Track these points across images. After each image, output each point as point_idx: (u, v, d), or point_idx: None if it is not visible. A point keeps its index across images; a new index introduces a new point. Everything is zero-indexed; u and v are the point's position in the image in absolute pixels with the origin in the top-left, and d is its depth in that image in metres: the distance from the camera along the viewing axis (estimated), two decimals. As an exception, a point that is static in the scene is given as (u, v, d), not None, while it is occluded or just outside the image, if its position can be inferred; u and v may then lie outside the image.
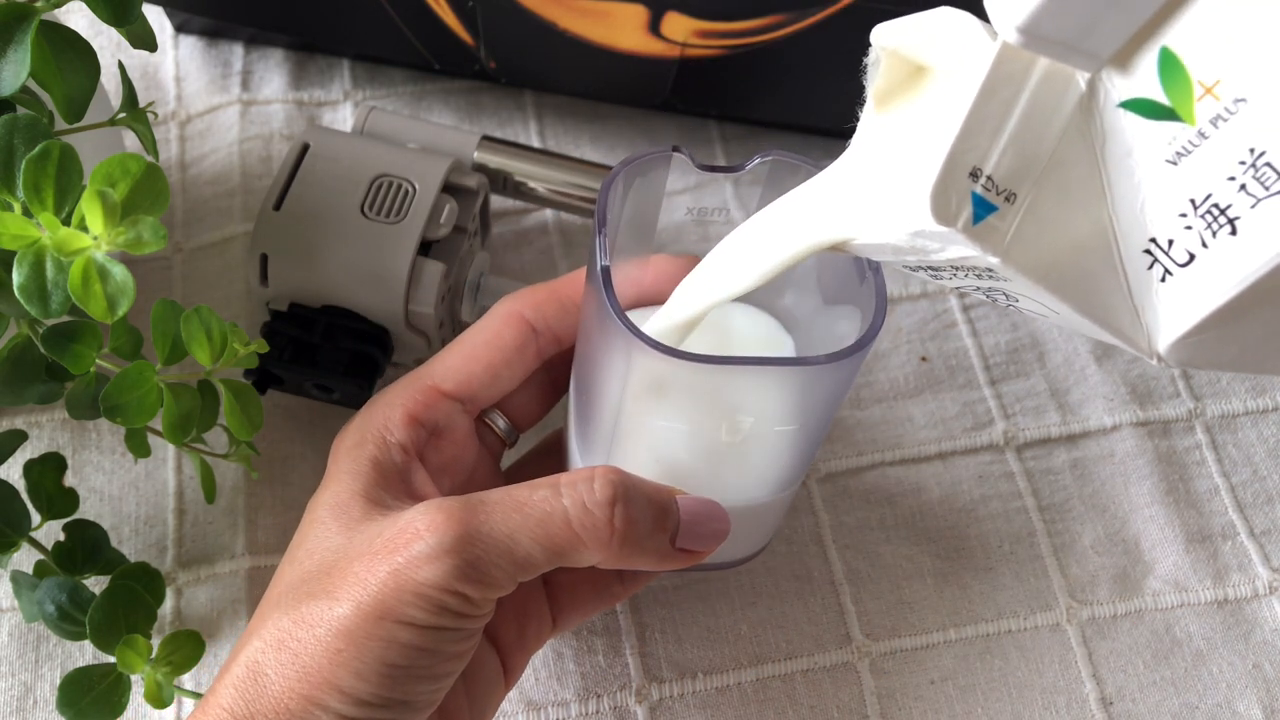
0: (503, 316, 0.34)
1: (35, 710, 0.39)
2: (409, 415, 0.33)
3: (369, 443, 0.33)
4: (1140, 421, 0.45)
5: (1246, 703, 0.40)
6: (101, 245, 0.29)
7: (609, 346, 0.29)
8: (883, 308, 0.29)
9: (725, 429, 0.30)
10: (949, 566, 0.42)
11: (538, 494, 0.30)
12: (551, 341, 0.35)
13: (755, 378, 0.28)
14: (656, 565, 0.32)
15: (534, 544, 0.29)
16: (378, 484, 0.32)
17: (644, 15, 0.44)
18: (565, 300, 0.35)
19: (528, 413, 0.37)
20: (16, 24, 0.30)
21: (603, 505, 0.30)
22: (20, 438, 0.38)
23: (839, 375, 0.29)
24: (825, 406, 0.31)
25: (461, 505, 0.29)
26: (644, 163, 0.31)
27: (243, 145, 0.50)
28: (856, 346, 0.28)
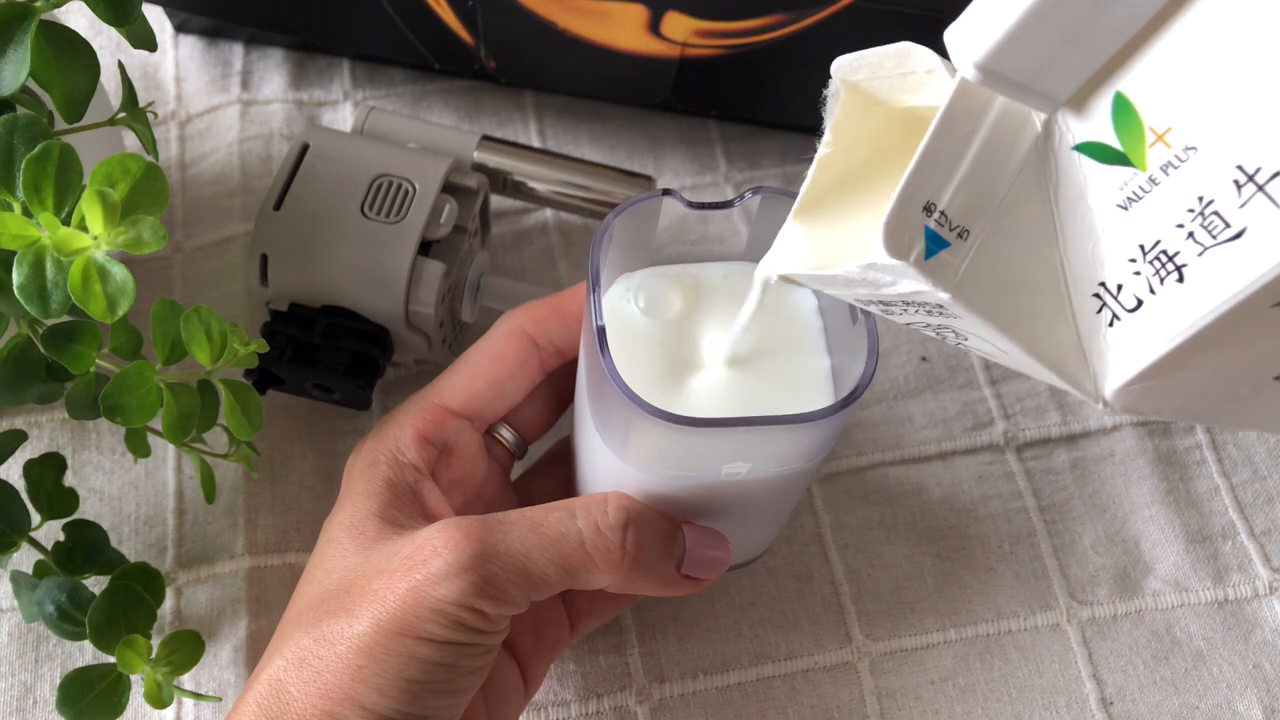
0: (506, 332, 0.35)
1: (35, 710, 0.39)
2: (419, 435, 0.34)
3: (382, 464, 0.33)
4: (1140, 421, 0.45)
5: (1247, 703, 0.40)
6: (101, 245, 0.29)
7: (607, 402, 0.30)
8: (874, 350, 0.29)
9: (724, 471, 0.31)
10: (949, 566, 0.42)
11: (553, 515, 0.31)
12: (554, 355, 0.36)
13: (750, 435, 0.29)
14: (662, 590, 0.33)
15: (549, 563, 0.30)
16: (392, 504, 0.33)
17: (644, 15, 0.44)
18: (566, 314, 0.35)
19: (534, 424, 0.37)
20: (16, 24, 0.30)
21: (615, 529, 0.31)
22: (20, 438, 0.38)
23: (834, 423, 0.29)
24: (823, 447, 0.32)
25: (479, 524, 0.30)
26: (636, 208, 0.32)
27: (243, 145, 0.50)
28: (850, 398, 0.29)
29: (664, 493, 0.32)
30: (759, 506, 0.35)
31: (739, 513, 0.34)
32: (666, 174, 0.50)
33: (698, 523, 0.34)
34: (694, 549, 0.33)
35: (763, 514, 0.36)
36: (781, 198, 0.32)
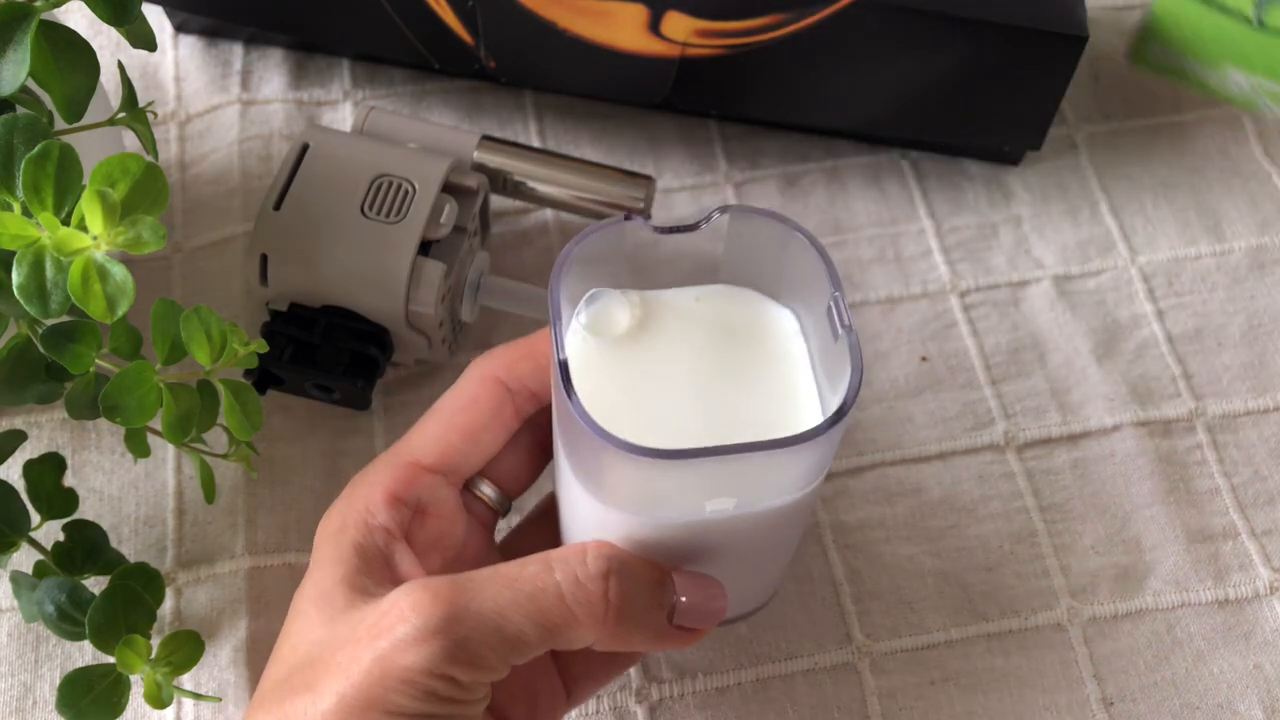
0: (476, 380, 0.33)
1: (35, 710, 0.39)
2: (390, 495, 0.32)
3: (350, 527, 0.31)
4: (1141, 421, 0.45)
5: (1247, 703, 0.40)
6: (101, 245, 0.29)
7: (577, 441, 0.28)
8: (858, 367, 0.28)
9: (709, 508, 0.29)
10: (949, 566, 0.42)
11: (528, 569, 0.29)
12: (529, 400, 0.33)
13: (730, 465, 0.27)
14: (654, 645, 0.31)
15: (526, 621, 0.28)
16: (361, 570, 0.30)
17: (644, 15, 0.44)
18: (540, 356, 0.33)
19: (517, 478, 0.35)
20: (16, 24, 0.30)
21: (596, 579, 0.29)
22: (20, 438, 0.38)
23: (820, 446, 0.28)
24: (812, 474, 0.30)
25: (448, 584, 0.28)
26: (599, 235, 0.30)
27: (242, 145, 0.50)
28: (835, 418, 0.27)
29: (649, 538, 0.30)
30: (753, 548, 0.33)
31: (733, 556, 0.32)
32: (666, 174, 0.50)
33: (688, 569, 0.32)
34: (685, 597, 0.31)
35: (759, 556, 0.34)
36: (749, 215, 0.31)
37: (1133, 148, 0.52)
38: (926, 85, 0.46)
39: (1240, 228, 0.50)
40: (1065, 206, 0.50)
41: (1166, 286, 0.48)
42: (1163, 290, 0.48)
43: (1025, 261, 0.49)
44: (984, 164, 0.51)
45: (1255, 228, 0.50)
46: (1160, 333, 0.47)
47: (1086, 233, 0.49)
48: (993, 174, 0.51)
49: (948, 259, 0.49)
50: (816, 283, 0.30)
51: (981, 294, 0.48)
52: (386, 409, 0.45)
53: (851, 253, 0.49)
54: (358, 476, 0.33)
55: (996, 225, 0.50)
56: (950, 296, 0.48)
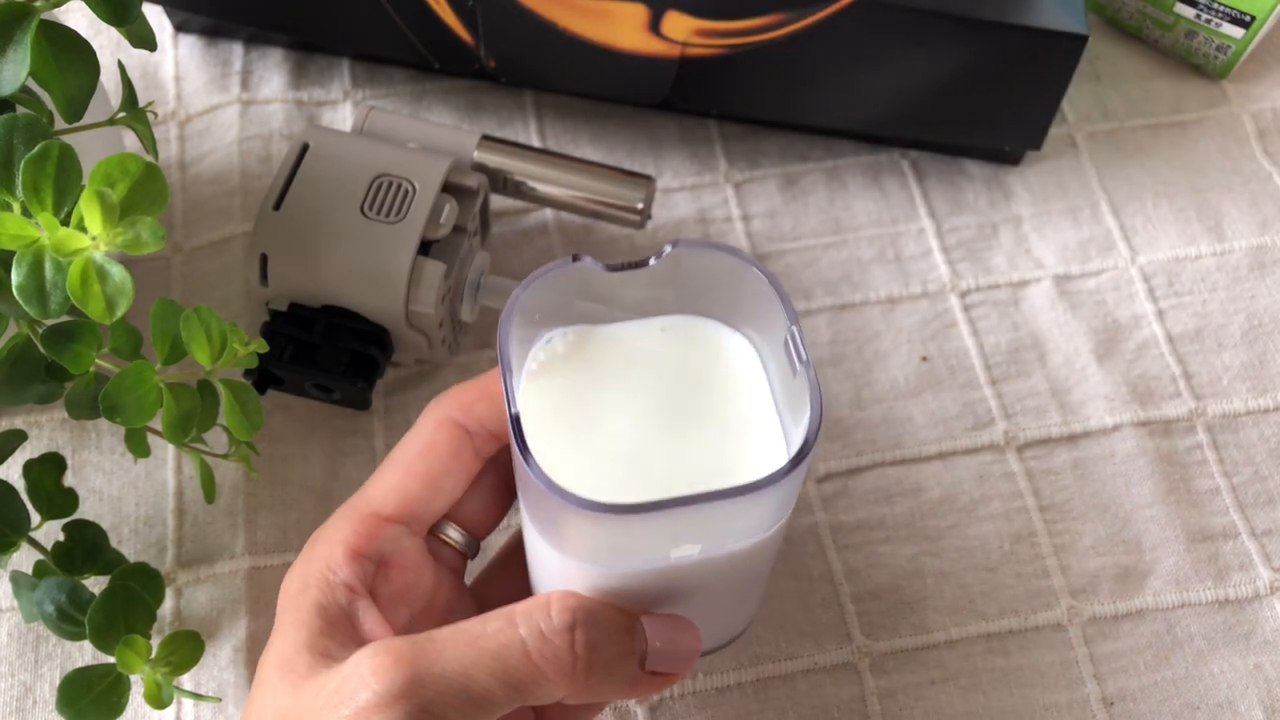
0: (432, 424, 0.32)
1: (35, 710, 0.39)
2: (351, 550, 0.31)
3: (312, 587, 0.30)
4: (1141, 421, 0.45)
5: (1247, 703, 0.40)
6: (100, 245, 0.29)
7: (534, 496, 0.28)
8: (817, 403, 0.27)
9: (674, 556, 0.29)
10: (950, 566, 0.42)
11: (491, 626, 0.28)
12: (489, 440, 0.33)
13: (693, 514, 0.26)
14: (628, 693, 0.30)
15: (491, 679, 0.27)
16: (323, 632, 0.29)
17: (644, 14, 0.44)
18: (496, 397, 0.32)
19: (484, 519, 0.34)
20: (16, 24, 0.30)
21: (561, 632, 0.28)
22: (20, 438, 0.38)
23: (784, 488, 0.27)
24: (777, 514, 0.29)
25: (409, 645, 0.28)
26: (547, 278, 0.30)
27: (242, 145, 0.50)
28: (797, 459, 0.27)
29: (616, 586, 0.29)
30: (723, 588, 0.32)
31: (702, 596, 0.31)
32: (666, 174, 0.50)
33: (659, 612, 0.31)
34: (657, 641, 0.30)
35: (729, 594, 0.33)
36: (701, 250, 0.30)
37: (1133, 148, 0.52)
38: (926, 85, 0.46)
39: (1240, 227, 0.50)
40: (1065, 206, 0.50)
41: (1167, 286, 0.48)
42: (1163, 290, 0.48)
43: (1025, 261, 0.49)
44: (984, 164, 0.51)
45: (1255, 227, 0.50)
46: (1160, 333, 0.47)
47: (1087, 233, 0.49)
48: (993, 174, 0.51)
49: (948, 259, 0.49)
50: (773, 315, 0.30)
51: (982, 294, 0.48)
52: (387, 409, 0.45)
53: (851, 253, 0.49)
54: (317, 533, 0.32)
55: (997, 225, 0.50)
56: (950, 296, 0.48)
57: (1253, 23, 0.50)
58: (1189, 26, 0.52)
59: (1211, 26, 0.51)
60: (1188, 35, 0.52)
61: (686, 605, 0.31)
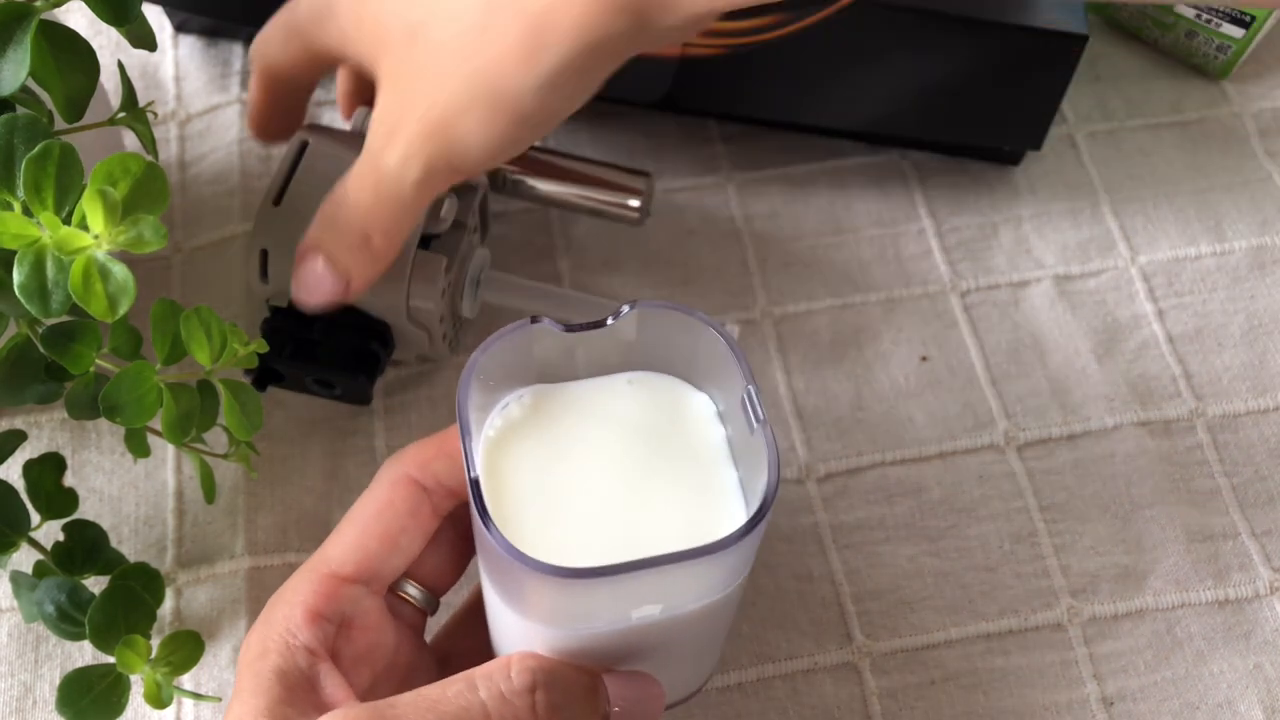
0: (389, 482, 0.32)
1: (35, 710, 0.39)
2: (310, 612, 0.31)
3: (272, 652, 0.30)
4: (1141, 421, 0.45)
5: (1247, 703, 0.40)
6: (102, 244, 0.29)
7: (493, 559, 0.28)
8: (775, 461, 0.27)
9: (635, 617, 0.29)
10: (950, 566, 0.42)
11: (451, 690, 0.28)
12: (447, 497, 0.33)
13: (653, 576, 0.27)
14: None
15: None
16: (283, 699, 0.29)
17: (644, 14, 0.44)
18: (454, 454, 0.32)
19: (443, 575, 0.34)
20: (16, 24, 0.30)
21: (522, 693, 0.28)
22: (20, 438, 0.38)
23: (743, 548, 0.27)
24: (737, 573, 0.30)
25: (368, 713, 0.27)
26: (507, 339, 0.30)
27: (242, 145, 0.50)
28: (754, 520, 0.27)
29: (577, 646, 0.30)
30: (684, 644, 0.32)
31: (664, 654, 0.31)
32: (666, 174, 0.50)
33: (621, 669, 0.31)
34: (621, 698, 0.30)
35: (691, 650, 0.34)
36: (658, 310, 0.30)
37: (1133, 148, 0.52)
38: (926, 85, 0.46)
39: (1241, 227, 0.50)
40: (1065, 206, 0.50)
41: (1167, 286, 0.48)
42: (1163, 290, 0.48)
43: (1025, 261, 0.49)
44: (984, 164, 0.51)
45: (1255, 227, 0.50)
46: (1160, 333, 0.47)
47: (1087, 233, 0.49)
48: (993, 174, 0.51)
49: (948, 259, 0.49)
50: (730, 374, 0.30)
51: (982, 294, 0.48)
52: (387, 409, 0.45)
53: (851, 253, 0.49)
54: (276, 595, 0.32)
55: (997, 225, 0.50)
56: (950, 296, 0.48)
57: (1253, 23, 0.50)
58: (1189, 26, 0.52)
59: (1211, 26, 0.51)
60: (1188, 35, 0.52)
61: (649, 662, 0.31)
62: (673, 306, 0.30)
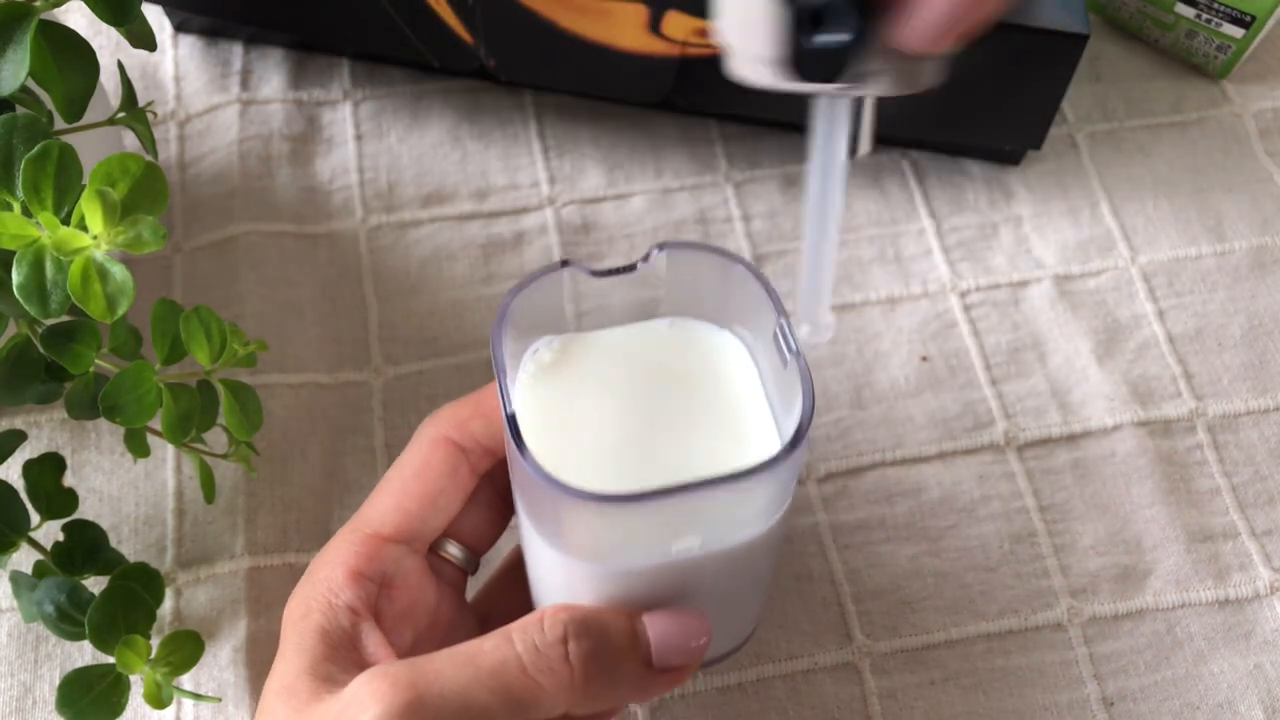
0: (428, 442, 0.32)
1: (34, 710, 0.39)
2: (352, 572, 0.31)
3: (314, 611, 0.30)
4: (1141, 421, 0.45)
5: (1248, 703, 0.40)
6: (101, 245, 0.29)
7: (533, 494, 0.28)
8: (809, 392, 0.27)
9: (675, 550, 0.29)
10: (950, 566, 0.42)
11: (488, 644, 0.28)
12: (484, 456, 0.33)
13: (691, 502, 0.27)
14: (638, 694, 0.30)
15: (491, 697, 0.27)
16: (326, 657, 0.30)
17: (644, 14, 0.44)
18: (491, 413, 0.32)
19: (482, 535, 0.35)
20: (16, 24, 0.30)
21: (554, 645, 0.28)
22: (20, 438, 0.38)
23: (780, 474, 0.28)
24: (775, 504, 0.30)
25: (407, 669, 0.28)
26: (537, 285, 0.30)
27: (242, 145, 0.50)
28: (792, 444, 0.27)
29: (618, 587, 0.30)
30: (724, 587, 0.32)
31: (705, 596, 0.31)
32: (666, 174, 0.50)
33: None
34: (662, 636, 0.30)
35: (731, 595, 0.33)
36: (687, 250, 0.30)
37: (1133, 148, 0.52)
38: (927, 85, 0.46)
39: (1241, 227, 0.50)
40: (1065, 206, 0.50)
41: (1167, 286, 0.48)
42: (1163, 290, 0.48)
43: (1025, 261, 0.49)
44: (984, 164, 0.51)
45: (1256, 227, 0.50)
46: (1160, 333, 0.47)
47: (1087, 233, 0.49)
48: (993, 174, 0.51)
49: (948, 259, 0.49)
50: (761, 310, 0.30)
51: (982, 294, 0.48)
52: (386, 408, 0.45)
53: (852, 253, 0.49)
54: (318, 557, 0.32)
55: (997, 225, 0.50)
56: (950, 296, 0.48)
57: (1253, 23, 0.50)
58: (1189, 26, 0.52)
59: (1212, 26, 0.51)
60: (1188, 35, 0.52)
61: (690, 605, 0.31)
62: (700, 245, 0.31)
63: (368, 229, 0.49)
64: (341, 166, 0.50)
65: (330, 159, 0.50)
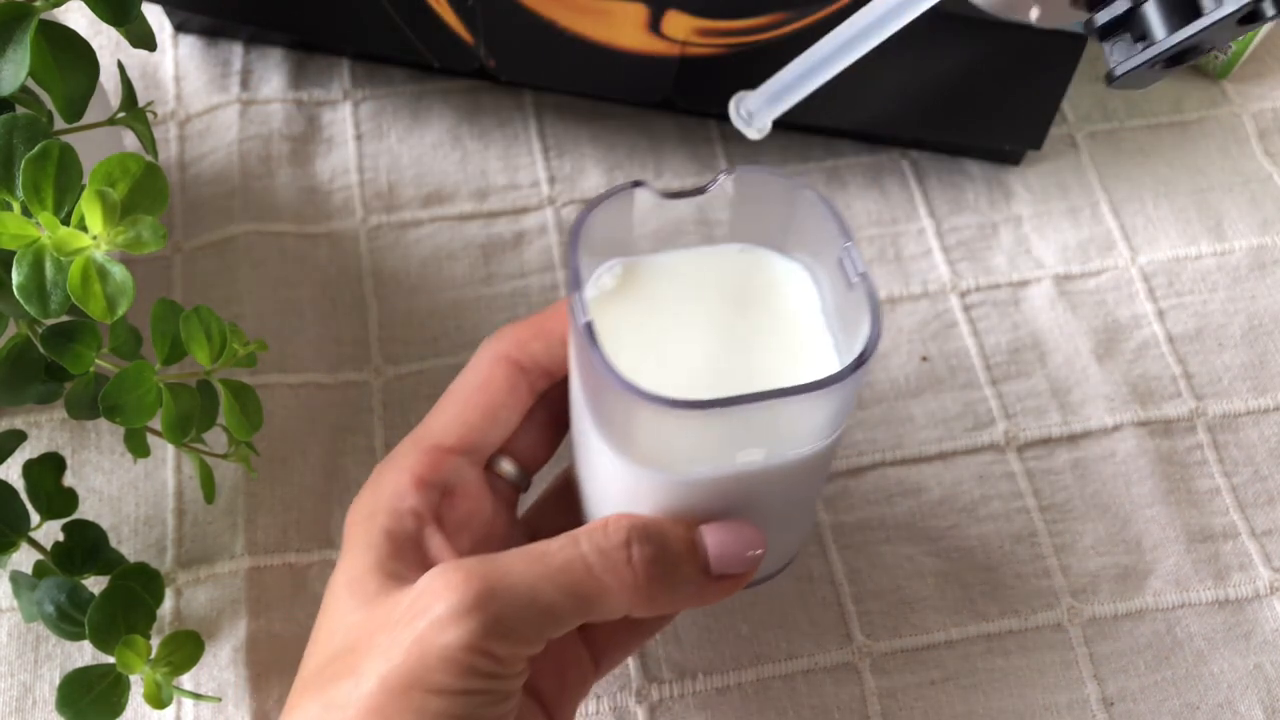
0: (489, 359, 0.34)
1: (35, 710, 0.39)
2: (417, 478, 0.32)
3: (380, 513, 0.32)
4: (1141, 421, 0.45)
5: (1247, 703, 0.40)
6: (101, 245, 0.29)
7: (606, 402, 0.29)
8: (876, 312, 0.28)
9: (739, 461, 0.30)
10: (950, 566, 0.42)
11: (555, 544, 0.29)
12: (542, 377, 0.34)
13: (761, 412, 0.27)
14: (695, 599, 0.31)
15: (558, 592, 0.29)
16: (393, 555, 0.31)
17: (644, 14, 0.44)
18: (550, 334, 0.34)
19: (535, 454, 0.36)
20: (16, 24, 0.30)
21: (618, 547, 0.29)
22: (20, 438, 0.38)
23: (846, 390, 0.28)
24: (837, 420, 0.30)
25: (479, 562, 0.29)
26: (609, 204, 0.31)
27: (242, 145, 0.50)
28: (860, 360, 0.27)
29: (678, 497, 0.31)
30: (780, 500, 0.33)
31: (761, 510, 0.32)
32: (667, 174, 0.50)
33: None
34: (719, 545, 0.31)
35: (785, 510, 0.34)
36: (756, 175, 0.31)
37: (1133, 148, 0.52)
38: (926, 85, 0.46)
39: (1241, 227, 0.50)
40: (1065, 206, 0.50)
41: (1167, 286, 0.48)
42: (1163, 290, 0.48)
43: (1025, 261, 0.49)
44: (984, 164, 0.51)
45: (1256, 227, 0.50)
46: (1160, 333, 0.47)
47: (1087, 232, 0.49)
48: (993, 174, 0.51)
49: (948, 259, 0.49)
50: (826, 236, 0.31)
51: (982, 294, 0.48)
52: (386, 408, 0.45)
53: (852, 252, 0.49)
54: (382, 464, 0.33)
55: (997, 225, 0.50)
56: (950, 296, 0.48)
57: (1253, 23, 0.50)
58: (1189, 26, 0.52)
59: (1211, 26, 0.51)
60: (1188, 35, 0.52)
61: (747, 517, 0.32)
62: (769, 170, 0.31)
63: (368, 229, 0.49)
64: (341, 166, 0.50)
65: (330, 159, 0.50)
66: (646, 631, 0.37)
